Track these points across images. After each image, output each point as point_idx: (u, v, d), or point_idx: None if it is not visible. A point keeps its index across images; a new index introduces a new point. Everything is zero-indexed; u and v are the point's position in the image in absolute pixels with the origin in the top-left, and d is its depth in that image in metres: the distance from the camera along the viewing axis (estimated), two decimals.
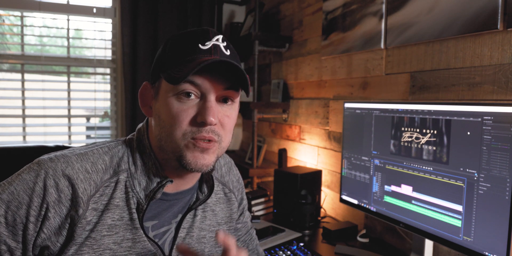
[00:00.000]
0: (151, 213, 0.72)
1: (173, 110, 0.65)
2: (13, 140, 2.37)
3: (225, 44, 0.69)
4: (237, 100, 0.72)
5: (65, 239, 0.64)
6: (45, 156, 0.66)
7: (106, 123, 2.64)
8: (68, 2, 2.35)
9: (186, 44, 0.67)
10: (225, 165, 0.91)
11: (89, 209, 0.64)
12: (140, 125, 0.76)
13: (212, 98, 0.66)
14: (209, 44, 0.67)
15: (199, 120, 0.65)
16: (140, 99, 0.74)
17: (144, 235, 0.69)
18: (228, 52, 0.69)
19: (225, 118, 0.69)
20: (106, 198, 0.67)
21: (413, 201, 1.11)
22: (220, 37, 0.69)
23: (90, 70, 2.51)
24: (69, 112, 2.44)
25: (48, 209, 0.62)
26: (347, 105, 1.40)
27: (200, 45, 0.66)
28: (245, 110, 2.22)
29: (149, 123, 0.74)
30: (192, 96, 0.65)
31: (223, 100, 0.68)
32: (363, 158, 1.32)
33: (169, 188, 0.73)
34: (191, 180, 0.76)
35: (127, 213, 0.68)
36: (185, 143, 0.66)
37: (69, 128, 2.46)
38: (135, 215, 0.68)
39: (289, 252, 1.31)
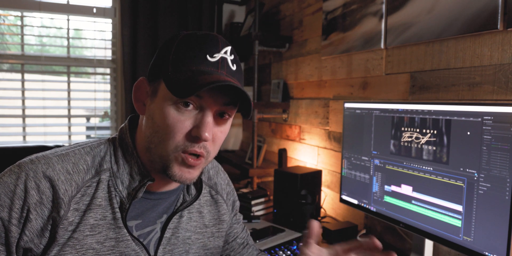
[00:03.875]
0: (135, 212, 0.71)
1: (169, 118, 0.64)
2: (13, 140, 2.37)
3: (232, 57, 0.68)
4: (233, 115, 0.71)
5: (47, 241, 0.64)
6: (26, 158, 0.66)
7: (106, 123, 2.64)
8: (68, 2, 2.36)
9: (194, 52, 0.65)
10: (212, 169, 0.91)
11: (70, 210, 0.64)
12: (123, 124, 0.76)
13: (210, 113, 0.65)
14: (217, 57, 0.66)
15: (194, 134, 0.64)
16: (134, 94, 0.72)
17: (128, 234, 0.69)
18: (234, 67, 0.68)
19: (218, 133, 0.68)
20: (88, 198, 0.66)
21: (413, 201, 1.11)
22: (229, 49, 0.68)
23: (90, 70, 2.51)
24: (69, 112, 2.44)
25: (29, 211, 0.62)
26: (347, 105, 1.40)
27: (208, 57, 0.65)
28: None
29: (139, 121, 0.73)
30: (190, 107, 0.65)
31: (219, 114, 0.68)
32: (363, 158, 1.32)
33: (154, 187, 0.73)
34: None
35: (110, 212, 0.68)
36: (175, 155, 0.65)
37: (69, 128, 2.46)
38: (118, 214, 0.68)
39: (289, 252, 1.31)
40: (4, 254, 0.63)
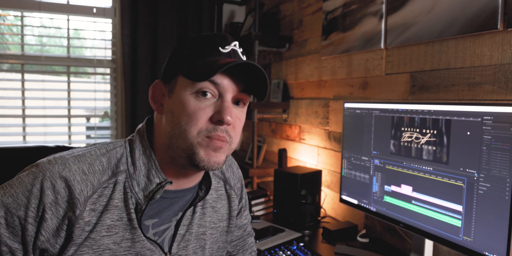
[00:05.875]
0: (152, 212, 0.72)
1: (190, 107, 0.66)
2: (13, 140, 2.37)
3: (241, 50, 0.73)
4: (247, 104, 0.74)
5: (63, 241, 0.64)
6: (45, 159, 0.67)
7: (106, 123, 2.64)
8: (68, 2, 2.35)
9: (207, 46, 0.69)
10: (226, 163, 0.92)
11: (86, 210, 0.65)
12: (140, 125, 0.77)
13: (229, 98, 0.68)
14: (228, 48, 0.70)
15: (216, 119, 0.66)
16: (151, 96, 0.75)
17: (142, 235, 0.70)
18: (244, 58, 0.72)
19: (237, 120, 0.70)
20: (105, 199, 0.67)
21: (413, 201, 1.11)
22: (237, 43, 0.72)
23: (90, 70, 2.51)
24: (69, 112, 2.44)
25: (45, 211, 0.62)
26: (347, 105, 1.40)
27: (220, 48, 0.69)
28: None
29: (155, 122, 0.75)
30: (209, 95, 0.67)
31: (235, 102, 0.70)
32: (363, 158, 1.32)
33: (170, 186, 0.74)
34: (195, 179, 0.77)
35: (125, 213, 0.68)
36: (198, 140, 0.67)
37: (69, 128, 2.46)
38: (134, 215, 0.69)
39: (289, 252, 1.31)
40: (21, 253, 0.63)
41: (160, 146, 0.72)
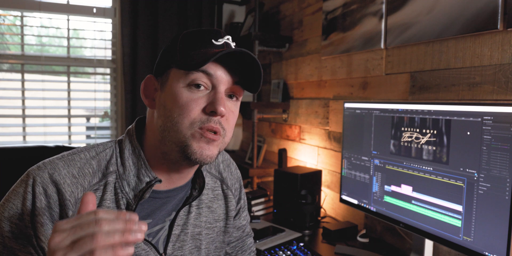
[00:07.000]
0: (144, 212, 0.72)
1: (182, 99, 0.66)
2: (13, 140, 2.37)
3: (234, 43, 0.72)
4: (240, 98, 0.73)
5: None
6: (34, 166, 0.68)
7: (106, 123, 2.64)
8: (68, 2, 2.35)
9: (200, 38, 0.69)
10: (223, 162, 0.91)
11: None
12: (130, 126, 0.77)
13: (222, 89, 0.67)
14: (221, 41, 0.70)
15: (209, 110, 0.65)
16: (143, 91, 0.74)
17: None
18: None
19: (230, 113, 0.70)
20: (97, 201, 0.67)
21: (413, 201, 1.11)
22: (230, 37, 0.72)
23: (90, 70, 2.51)
24: (69, 112, 2.44)
25: (40, 215, 0.63)
26: (347, 105, 1.40)
27: (213, 40, 0.69)
28: (245, 110, 2.22)
29: (148, 118, 0.74)
30: (202, 88, 0.66)
31: (228, 96, 0.70)
32: (363, 158, 1.32)
33: (161, 186, 0.73)
34: (186, 176, 0.76)
35: None
36: (191, 132, 0.66)
37: (69, 128, 2.46)
38: None
39: (289, 252, 1.31)
40: None
41: (151, 143, 0.72)
